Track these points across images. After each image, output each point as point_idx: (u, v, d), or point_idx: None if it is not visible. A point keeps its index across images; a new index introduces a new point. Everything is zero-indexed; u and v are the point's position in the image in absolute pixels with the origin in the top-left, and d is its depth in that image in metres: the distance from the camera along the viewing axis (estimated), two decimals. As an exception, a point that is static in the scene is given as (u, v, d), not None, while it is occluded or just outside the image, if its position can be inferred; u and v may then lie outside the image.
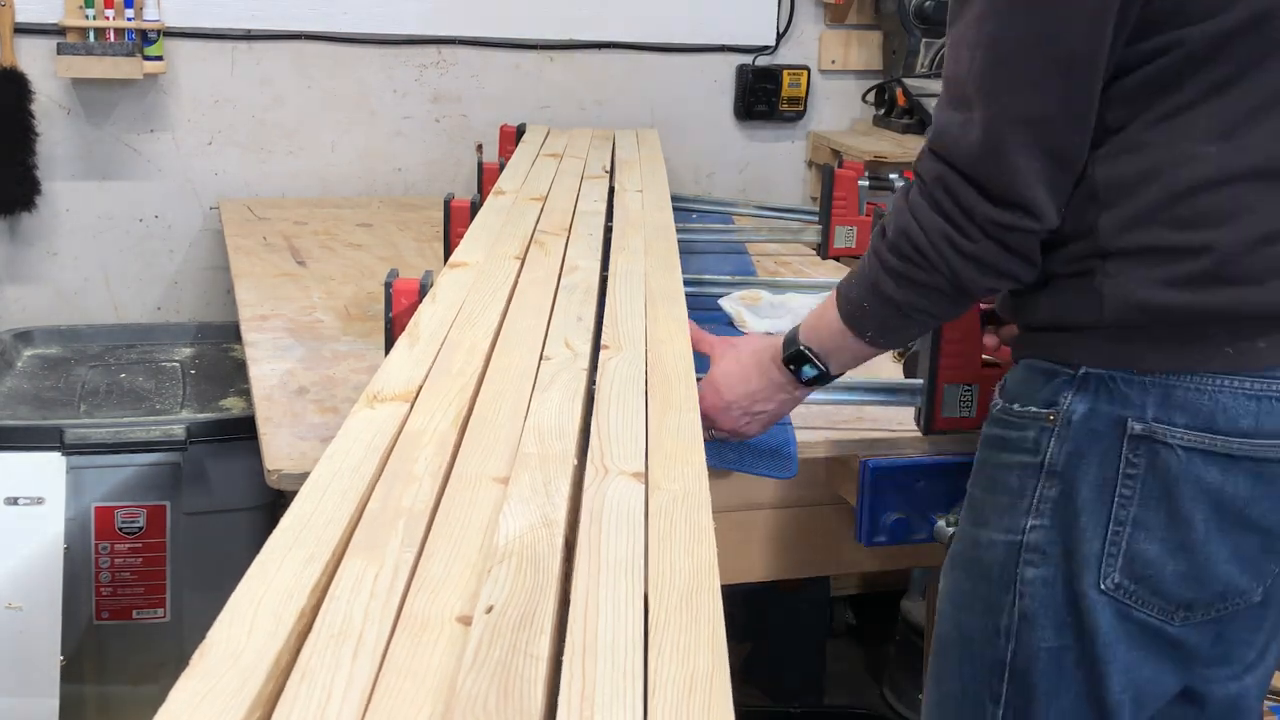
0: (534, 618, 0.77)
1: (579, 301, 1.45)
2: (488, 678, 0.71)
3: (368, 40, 2.94)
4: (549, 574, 0.82)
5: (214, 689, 0.69)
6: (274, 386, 1.66)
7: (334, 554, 0.84)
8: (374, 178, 3.01)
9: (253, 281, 2.18)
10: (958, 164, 1.19)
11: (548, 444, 1.04)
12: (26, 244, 2.82)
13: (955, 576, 1.35)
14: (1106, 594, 1.22)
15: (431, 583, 0.81)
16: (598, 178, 2.20)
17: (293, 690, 0.70)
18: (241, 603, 0.77)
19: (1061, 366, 1.24)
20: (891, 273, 1.25)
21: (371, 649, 0.74)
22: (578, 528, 0.90)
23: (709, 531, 0.90)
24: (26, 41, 2.71)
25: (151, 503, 2.20)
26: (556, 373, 1.21)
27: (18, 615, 2.08)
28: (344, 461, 0.98)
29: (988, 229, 1.19)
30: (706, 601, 0.80)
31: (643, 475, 0.99)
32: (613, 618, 0.78)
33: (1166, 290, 1.17)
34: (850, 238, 2.34)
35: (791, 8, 3.21)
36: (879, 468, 1.52)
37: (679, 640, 0.76)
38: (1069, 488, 1.23)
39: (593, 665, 0.72)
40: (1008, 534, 1.27)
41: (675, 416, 1.12)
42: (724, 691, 0.71)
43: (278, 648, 0.72)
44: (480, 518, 0.91)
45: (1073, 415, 1.22)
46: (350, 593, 0.80)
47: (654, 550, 0.87)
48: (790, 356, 1.38)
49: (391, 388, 1.15)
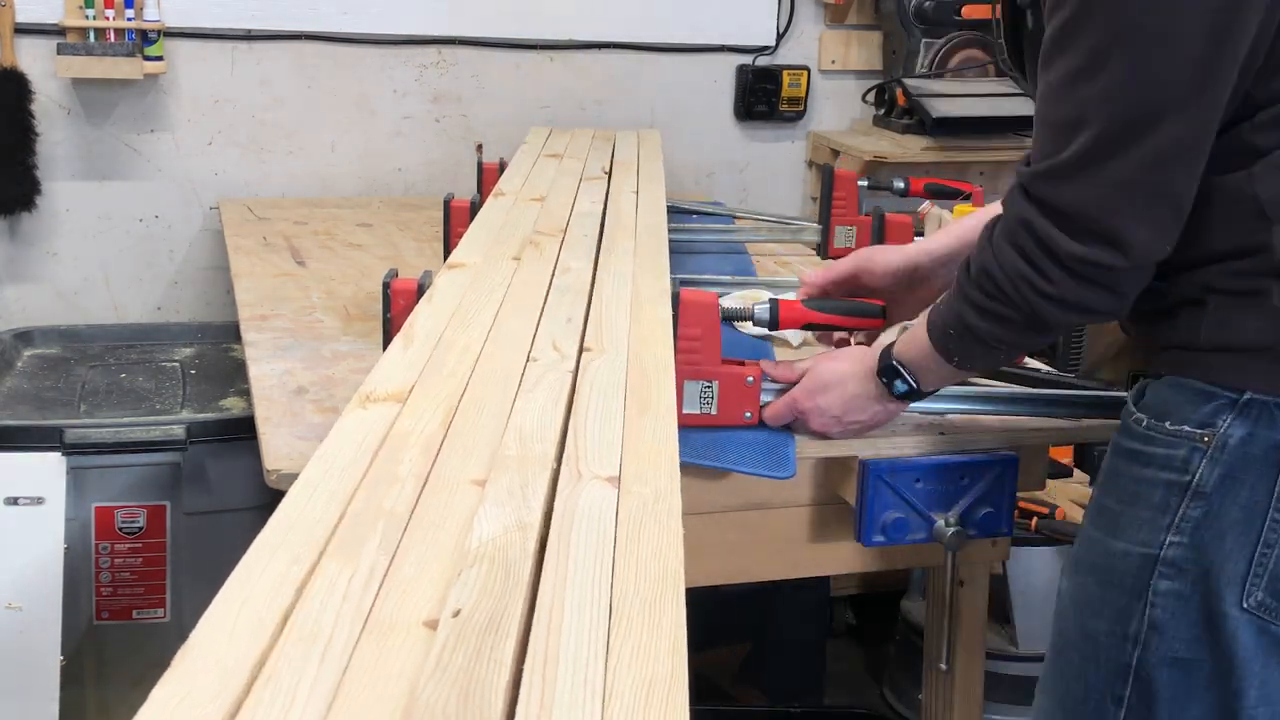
0: (500, 623, 0.77)
1: (570, 303, 1.45)
2: (449, 683, 0.70)
3: (368, 40, 2.94)
4: (518, 579, 0.82)
5: (192, 691, 0.68)
6: (273, 386, 1.66)
7: (318, 555, 0.84)
8: (374, 178, 3.01)
9: (253, 281, 2.18)
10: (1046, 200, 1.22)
11: (528, 446, 1.04)
12: (26, 244, 2.82)
13: (1082, 581, 1.34)
14: (1249, 612, 1.23)
15: (402, 585, 0.81)
16: (596, 179, 2.20)
17: (258, 694, 0.69)
18: (225, 604, 0.77)
19: (1222, 389, 1.23)
20: (974, 306, 1.30)
21: (339, 652, 0.73)
22: (550, 531, 0.90)
23: (678, 536, 0.89)
24: (26, 41, 2.71)
25: (151, 503, 2.20)
26: (542, 374, 1.21)
27: (18, 615, 2.08)
28: (334, 462, 0.99)
29: (1067, 264, 1.21)
30: (669, 608, 0.80)
31: (616, 480, 0.98)
32: (577, 624, 0.77)
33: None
34: (850, 238, 2.34)
35: (791, 8, 3.21)
36: (878, 468, 1.52)
37: (639, 645, 0.75)
38: (1216, 508, 1.23)
39: (553, 672, 0.72)
40: (1144, 547, 1.28)
41: (652, 420, 1.12)
42: (681, 695, 0.71)
43: (260, 650, 0.72)
44: (456, 520, 0.91)
45: (1229, 439, 1.22)
46: (324, 595, 0.79)
47: (621, 556, 0.86)
48: (883, 369, 1.43)
49: (384, 388, 1.15)
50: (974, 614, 1.75)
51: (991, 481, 1.56)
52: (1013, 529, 1.60)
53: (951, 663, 1.74)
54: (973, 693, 1.78)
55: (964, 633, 1.74)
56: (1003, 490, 1.56)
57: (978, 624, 1.76)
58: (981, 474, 1.56)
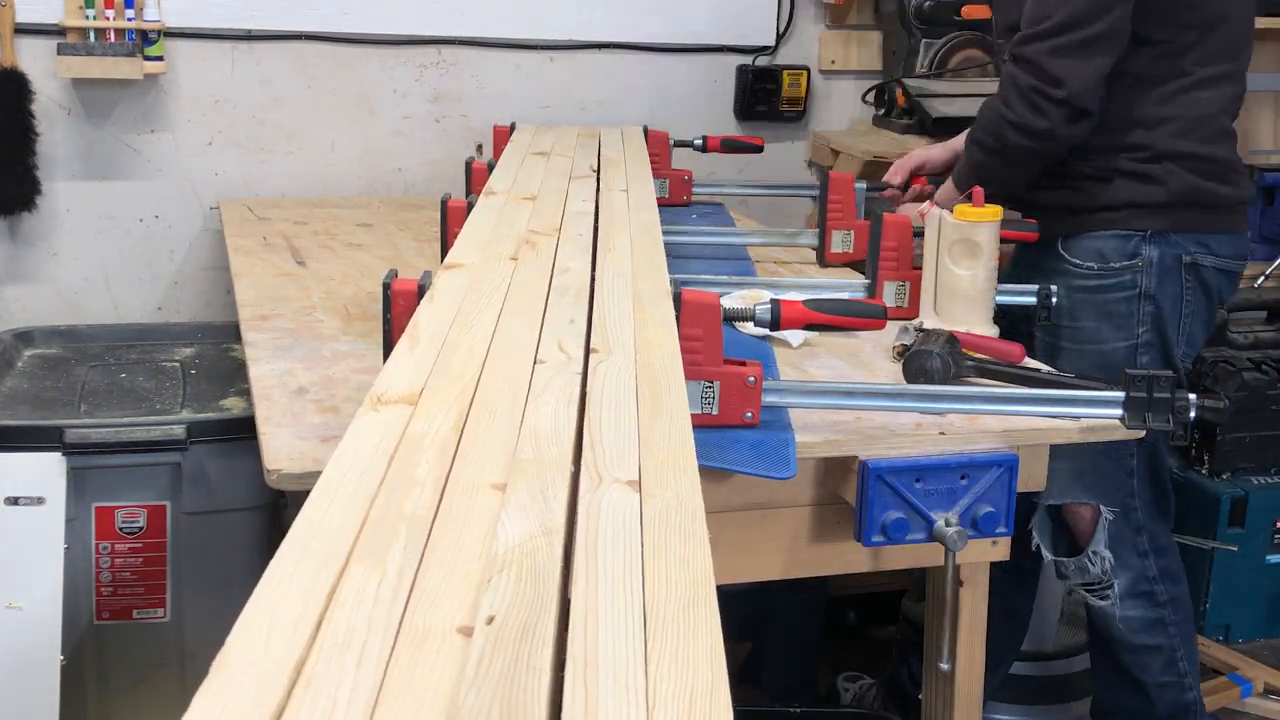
0: (535, 629, 0.76)
1: (570, 304, 1.44)
2: (490, 690, 0.70)
3: (368, 40, 2.94)
4: (549, 584, 0.81)
5: (233, 700, 0.68)
6: (273, 386, 1.66)
7: (344, 561, 0.83)
8: (374, 178, 3.01)
9: (253, 281, 2.18)
10: None
11: (544, 449, 1.03)
12: (27, 244, 2.82)
13: None
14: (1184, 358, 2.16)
15: (432, 591, 0.81)
16: (585, 177, 2.20)
17: (298, 701, 0.69)
18: (257, 611, 0.76)
19: (1135, 231, 2.09)
20: (972, 140, 2.17)
21: (375, 659, 0.73)
22: (575, 536, 0.90)
23: (704, 541, 0.89)
24: (27, 41, 2.71)
25: (151, 503, 2.20)
26: (551, 377, 1.21)
27: (18, 615, 2.08)
28: (351, 465, 0.98)
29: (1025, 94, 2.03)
30: (703, 613, 0.79)
31: (636, 483, 0.98)
32: (613, 631, 0.77)
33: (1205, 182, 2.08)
34: (848, 242, 2.33)
35: (791, 8, 3.21)
36: (878, 468, 1.52)
37: (677, 654, 0.75)
38: (1159, 302, 2.10)
39: (595, 681, 0.71)
40: (1127, 340, 2.11)
41: (665, 422, 1.11)
42: (724, 705, 0.70)
43: (296, 657, 0.72)
44: (479, 525, 0.90)
45: (1153, 259, 2.09)
46: (354, 601, 0.79)
47: (650, 561, 0.86)
48: None
49: (395, 390, 1.15)
50: (974, 614, 1.75)
51: (991, 481, 1.56)
52: (1013, 529, 1.60)
53: (951, 663, 1.74)
54: (973, 693, 1.78)
55: (964, 633, 1.75)
56: (1003, 490, 1.56)
57: (978, 624, 1.76)
58: (981, 474, 1.56)
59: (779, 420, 1.56)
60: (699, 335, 1.49)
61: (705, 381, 1.51)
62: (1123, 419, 1.53)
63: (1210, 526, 3.05)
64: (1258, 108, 3.41)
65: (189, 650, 2.22)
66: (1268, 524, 3.07)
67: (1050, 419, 1.62)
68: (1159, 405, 1.51)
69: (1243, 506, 3.04)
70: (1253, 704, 2.83)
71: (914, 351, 1.70)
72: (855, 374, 1.78)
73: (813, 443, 1.54)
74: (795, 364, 1.81)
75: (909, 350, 1.71)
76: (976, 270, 1.91)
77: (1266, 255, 3.23)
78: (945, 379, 1.68)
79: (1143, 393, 1.51)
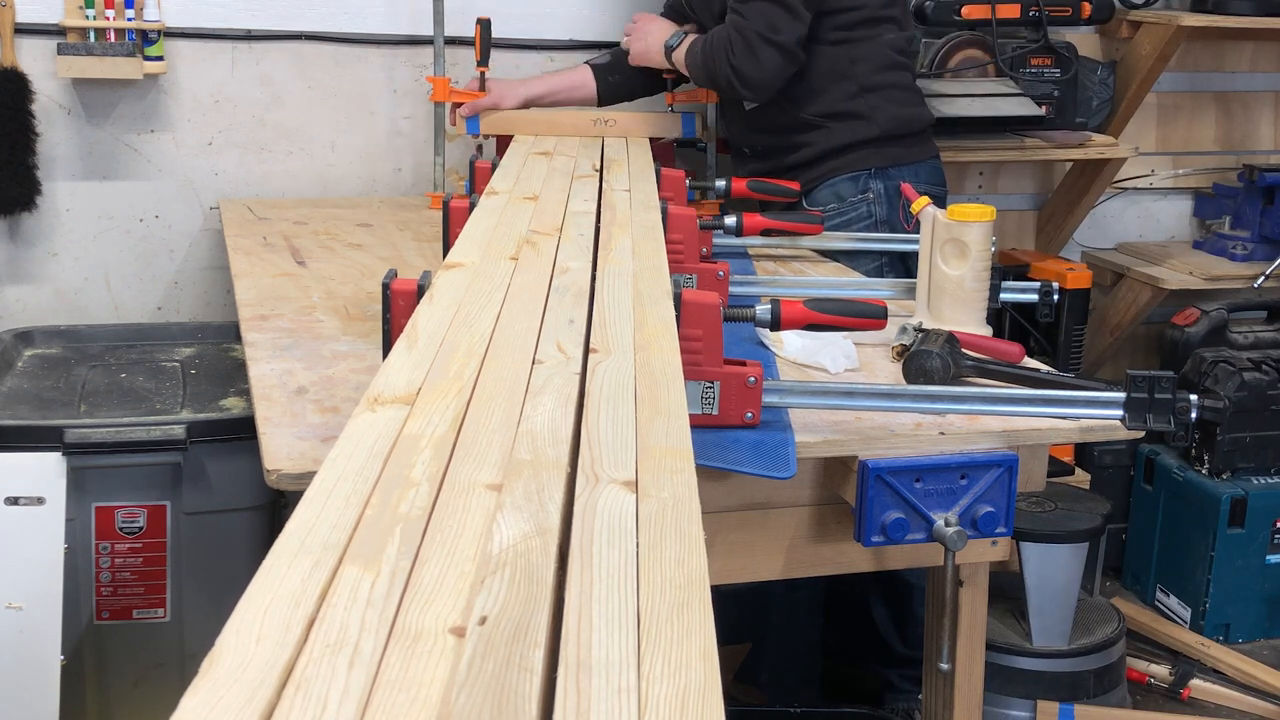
0: (528, 630, 0.76)
1: (570, 304, 1.44)
2: (482, 692, 0.70)
3: (368, 40, 2.94)
4: (543, 585, 0.81)
5: (223, 699, 0.68)
6: (273, 386, 1.66)
7: (338, 561, 0.83)
8: (374, 178, 3.01)
9: (253, 281, 2.18)
10: None
11: (541, 450, 1.03)
12: (27, 244, 2.82)
13: None
14: None
15: (425, 592, 0.80)
16: (588, 177, 2.20)
17: (288, 702, 0.68)
18: (249, 610, 0.76)
19: (858, 172, 2.51)
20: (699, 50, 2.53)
21: (367, 660, 0.73)
22: (570, 537, 0.90)
23: (699, 541, 0.89)
24: (27, 41, 2.71)
25: (151, 503, 2.20)
26: (549, 377, 1.20)
27: (18, 615, 2.08)
28: (347, 465, 0.98)
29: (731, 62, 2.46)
30: (697, 614, 0.79)
31: (633, 483, 0.98)
32: (606, 632, 0.76)
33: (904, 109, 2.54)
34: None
35: (791, 8, 3.20)
36: (878, 468, 1.52)
37: (670, 655, 0.75)
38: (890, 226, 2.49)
39: (587, 682, 0.71)
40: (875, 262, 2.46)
41: (664, 422, 1.11)
42: (717, 706, 0.70)
43: (287, 658, 0.72)
44: (474, 525, 0.90)
45: (879, 191, 2.50)
46: (347, 601, 0.78)
47: (644, 562, 0.86)
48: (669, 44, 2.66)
49: (392, 390, 1.15)
50: (974, 614, 1.75)
51: (991, 481, 1.56)
52: (1013, 528, 1.60)
53: (951, 663, 1.74)
54: (973, 693, 1.78)
55: (964, 633, 1.75)
56: (1003, 490, 1.57)
57: (978, 624, 1.76)
58: (981, 474, 1.56)
59: (779, 420, 1.56)
60: (699, 335, 1.49)
61: (705, 382, 1.51)
62: (1123, 419, 1.53)
63: (1210, 526, 3.06)
64: (1258, 108, 3.41)
65: (189, 650, 2.22)
66: (1268, 524, 3.07)
67: (1050, 419, 1.62)
68: (1160, 406, 1.51)
69: (1243, 506, 3.04)
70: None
71: (914, 351, 1.70)
72: (856, 378, 1.78)
73: (812, 443, 1.54)
74: (795, 364, 1.81)
75: (909, 350, 1.71)
76: (965, 270, 1.92)
77: (1266, 255, 3.23)
78: (945, 379, 1.68)
79: (1144, 393, 1.51)
